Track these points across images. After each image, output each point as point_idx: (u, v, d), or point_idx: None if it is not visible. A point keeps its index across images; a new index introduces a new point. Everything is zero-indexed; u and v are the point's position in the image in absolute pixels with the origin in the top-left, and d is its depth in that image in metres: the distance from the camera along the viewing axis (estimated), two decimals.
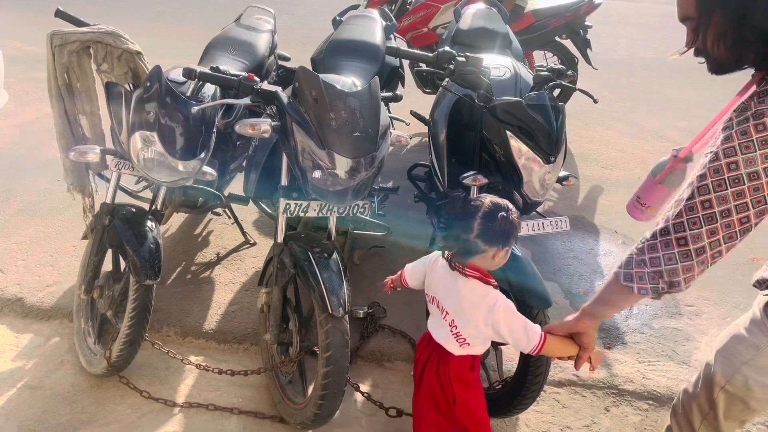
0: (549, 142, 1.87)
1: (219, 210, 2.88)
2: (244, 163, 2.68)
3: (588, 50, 4.42)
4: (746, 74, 1.18)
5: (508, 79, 2.27)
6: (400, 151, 4.06)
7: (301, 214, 1.83)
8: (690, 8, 1.16)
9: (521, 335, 1.41)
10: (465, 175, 1.96)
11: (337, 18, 3.20)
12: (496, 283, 1.46)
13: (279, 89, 1.80)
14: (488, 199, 1.42)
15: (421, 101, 3.80)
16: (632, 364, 2.32)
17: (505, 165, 1.92)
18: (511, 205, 1.42)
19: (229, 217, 2.90)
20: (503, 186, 1.98)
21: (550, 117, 1.87)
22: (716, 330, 2.48)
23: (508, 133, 1.88)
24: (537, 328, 1.42)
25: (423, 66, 2.16)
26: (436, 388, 1.56)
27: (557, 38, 4.44)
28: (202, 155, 2.00)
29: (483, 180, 1.95)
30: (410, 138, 4.04)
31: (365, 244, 2.86)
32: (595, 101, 2.26)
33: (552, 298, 1.86)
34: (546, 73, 2.10)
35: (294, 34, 6.28)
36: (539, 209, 2.08)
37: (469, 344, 1.49)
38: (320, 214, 1.86)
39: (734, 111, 1.11)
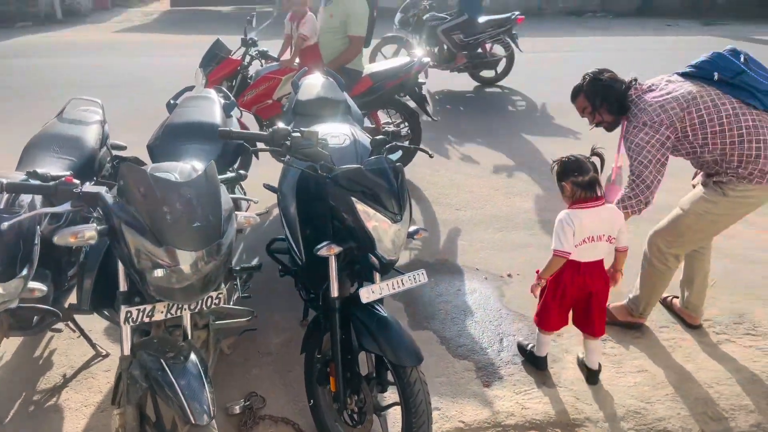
0: (393, 203, 1.93)
1: (59, 326, 2.56)
2: None
3: (426, 104, 4.76)
4: None
5: (347, 146, 2.33)
6: (263, 224, 3.98)
7: (146, 320, 1.68)
8: (585, 105, 2.65)
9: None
10: (319, 246, 1.94)
11: (171, 101, 3.11)
12: None
13: (103, 190, 1.67)
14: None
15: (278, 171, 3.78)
16: (510, 398, 2.41)
17: (356, 230, 1.94)
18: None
19: (74, 331, 2.60)
20: (358, 250, 2.00)
21: (391, 179, 1.94)
22: (578, 348, 2.68)
23: (354, 199, 1.91)
24: None
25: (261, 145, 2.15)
26: (602, 286, 2.36)
27: (397, 96, 4.73)
28: (24, 272, 1.79)
29: (337, 248, 1.95)
30: (267, 210, 4.02)
31: (234, 330, 2.70)
32: (430, 156, 2.40)
33: (430, 346, 1.88)
34: (382, 136, 2.20)
35: (135, 118, 6.01)
36: (397, 265, 2.13)
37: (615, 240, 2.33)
38: (168, 316, 1.72)
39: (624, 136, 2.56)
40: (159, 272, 1.59)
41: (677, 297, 2.98)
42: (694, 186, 2.71)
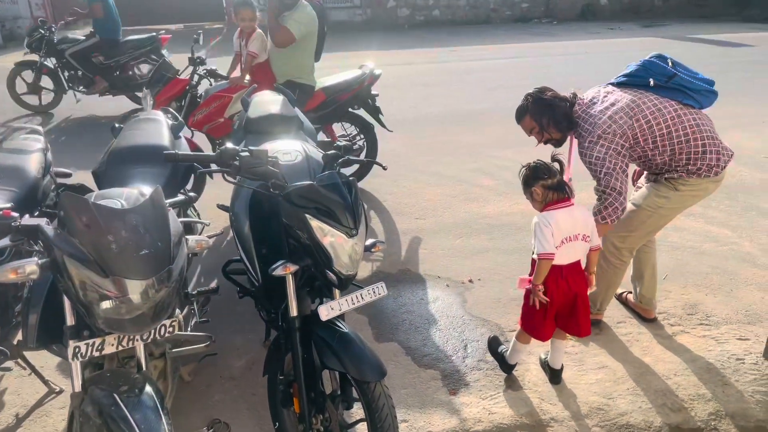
0: (348, 217, 1.91)
1: (8, 364, 2.44)
2: None
3: (380, 115, 4.78)
4: None
5: (299, 163, 2.31)
6: (221, 245, 3.91)
7: (96, 354, 1.62)
8: (532, 126, 2.65)
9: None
10: (274, 266, 1.91)
11: (117, 125, 3.03)
12: None
13: (43, 221, 1.61)
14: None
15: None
16: (477, 404, 2.42)
17: (312, 247, 1.92)
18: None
19: (24, 368, 2.48)
20: (316, 268, 1.97)
21: (344, 193, 1.93)
22: (541, 349, 2.71)
23: (308, 216, 1.89)
24: None
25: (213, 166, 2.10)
26: (584, 286, 2.38)
27: (351, 109, 4.74)
28: None
29: (293, 267, 1.92)
30: (222, 231, 3.95)
31: (194, 356, 2.63)
32: (384, 168, 2.41)
33: (396, 357, 1.87)
34: (334, 151, 2.19)
35: (81, 143, 5.83)
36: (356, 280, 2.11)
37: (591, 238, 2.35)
38: (120, 348, 1.66)
39: (579, 152, 2.58)
40: (107, 304, 1.54)
41: (630, 292, 3.07)
42: (638, 186, 2.80)
